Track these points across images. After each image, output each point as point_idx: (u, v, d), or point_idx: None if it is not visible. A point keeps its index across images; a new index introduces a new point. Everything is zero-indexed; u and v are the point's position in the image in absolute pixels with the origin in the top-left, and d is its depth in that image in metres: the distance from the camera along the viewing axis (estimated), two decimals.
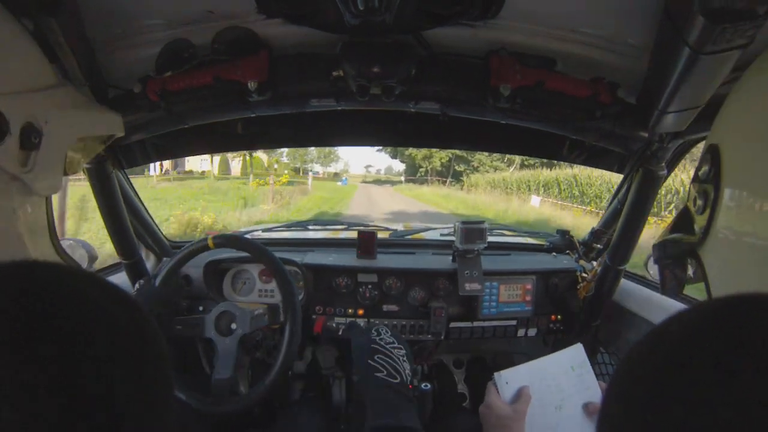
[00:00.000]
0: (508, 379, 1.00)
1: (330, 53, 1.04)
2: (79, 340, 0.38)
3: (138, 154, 1.49)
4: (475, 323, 1.62)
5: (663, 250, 0.79)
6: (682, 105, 0.92)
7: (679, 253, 0.74)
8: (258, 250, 1.33)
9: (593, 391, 0.99)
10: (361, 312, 1.60)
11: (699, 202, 0.69)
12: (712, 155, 0.66)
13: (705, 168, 0.68)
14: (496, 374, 1.00)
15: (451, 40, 1.04)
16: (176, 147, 1.57)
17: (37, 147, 0.80)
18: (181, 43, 1.04)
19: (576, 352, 1.04)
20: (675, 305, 1.39)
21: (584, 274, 1.59)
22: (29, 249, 0.86)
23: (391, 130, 1.53)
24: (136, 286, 1.37)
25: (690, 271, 0.74)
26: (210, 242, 1.32)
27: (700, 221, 0.69)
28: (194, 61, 1.05)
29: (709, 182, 0.66)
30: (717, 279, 0.67)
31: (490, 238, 1.61)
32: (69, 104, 0.92)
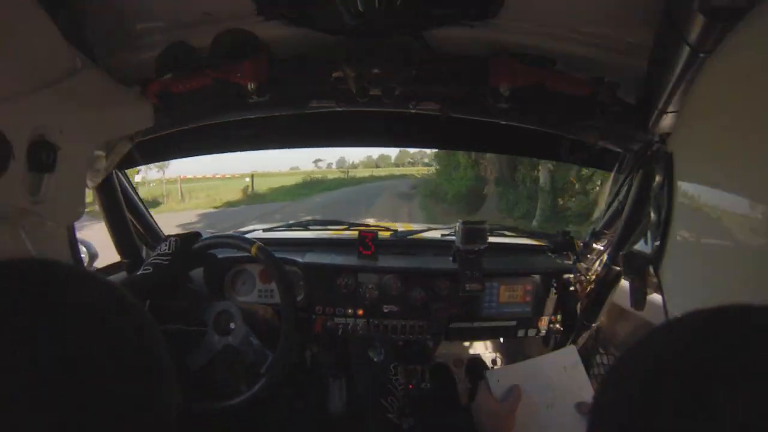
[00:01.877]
0: (500, 377, 1.02)
1: (330, 54, 1.04)
2: (77, 339, 0.38)
3: (138, 155, 1.49)
4: (476, 323, 1.62)
5: (627, 263, 0.78)
6: (682, 104, 0.92)
7: (640, 266, 0.74)
8: (285, 288, 1.34)
9: (585, 391, 1.01)
10: (361, 312, 1.60)
11: (653, 216, 0.67)
12: (666, 164, 0.65)
13: (658, 179, 0.67)
14: (488, 372, 1.04)
15: (451, 40, 1.04)
16: (176, 148, 1.57)
17: (50, 168, 0.62)
18: (181, 45, 1.04)
19: (569, 354, 1.07)
20: None
21: (583, 276, 1.58)
22: None
23: (391, 130, 1.53)
24: (170, 244, 1.32)
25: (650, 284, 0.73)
26: (253, 250, 1.33)
27: (655, 233, 0.68)
28: (194, 64, 1.05)
29: (662, 196, 0.65)
30: (672, 292, 0.66)
31: (491, 239, 1.61)
32: (89, 97, 0.71)
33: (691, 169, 0.62)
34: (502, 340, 1.77)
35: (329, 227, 2.09)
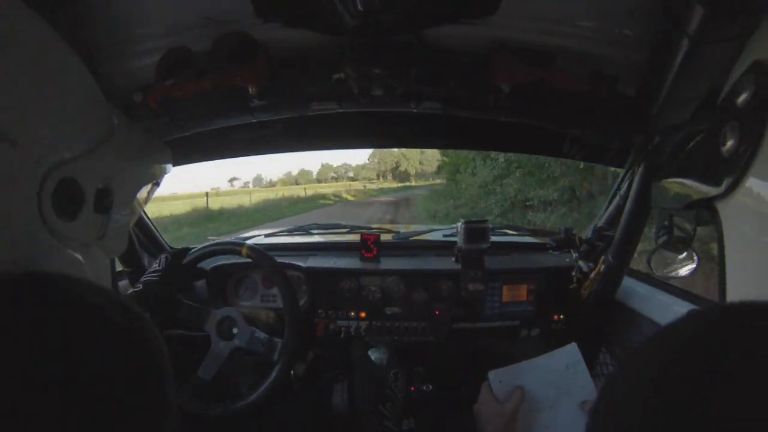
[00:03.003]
0: (502, 378, 1.01)
1: (330, 55, 1.04)
2: (80, 343, 0.39)
3: None
4: (478, 324, 1.62)
5: (674, 195, 0.72)
6: (682, 97, 0.92)
7: (692, 203, 0.68)
8: (283, 282, 1.35)
9: (588, 389, 1.00)
10: (363, 315, 1.59)
11: (730, 141, 0.55)
12: (757, 75, 0.54)
13: (746, 95, 0.56)
14: (490, 373, 1.03)
15: (451, 38, 1.04)
16: (178, 153, 1.57)
17: (109, 210, 0.73)
18: (181, 50, 1.05)
19: (570, 352, 1.06)
20: (679, 304, 1.38)
21: (586, 273, 1.58)
22: None
23: (392, 131, 1.53)
24: (161, 261, 1.36)
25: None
26: (243, 250, 1.33)
27: (727, 168, 0.56)
28: (194, 69, 1.05)
29: (750, 114, 0.52)
30: (732, 237, 0.58)
31: (493, 238, 1.62)
32: (127, 150, 0.83)
33: None
34: (504, 340, 1.76)
35: (331, 231, 2.09)
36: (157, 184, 1.05)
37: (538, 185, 8.34)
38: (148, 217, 1.66)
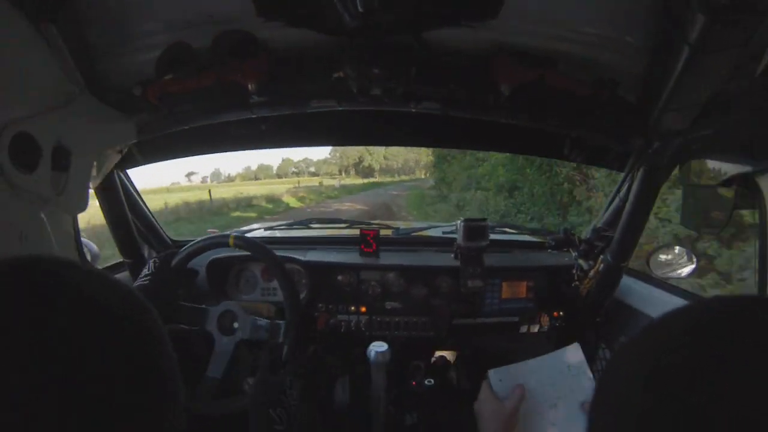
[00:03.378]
0: (502, 377, 1.01)
1: (330, 55, 1.04)
2: (81, 338, 0.39)
3: (138, 155, 1.49)
4: (478, 320, 1.63)
5: (709, 172, 0.73)
6: (682, 103, 0.92)
7: (730, 179, 0.68)
8: (273, 262, 1.33)
9: (589, 390, 0.99)
10: (363, 309, 1.61)
11: None
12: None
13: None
14: (490, 371, 1.02)
15: (451, 40, 1.04)
16: (177, 148, 1.58)
17: (67, 168, 0.78)
18: (181, 47, 1.05)
19: (573, 352, 1.05)
20: (676, 301, 1.39)
21: (585, 272, 1.59)
22: None
23: (393, 129, 1.53)
24: (150, 265, 1.35)
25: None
26: (231, 240, 1.33)
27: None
28: (194, 65, 1.05)
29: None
30: None
31: (492, 236, 1.62)
32: (88, 118, 0.89)
33: None
34: (504, 336, 1.78)
35: (331, 225, 2.10)
36: (120, 152, 1.11)
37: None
38: (148, 209, 1.67)
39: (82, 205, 0.87)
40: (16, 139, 0.64)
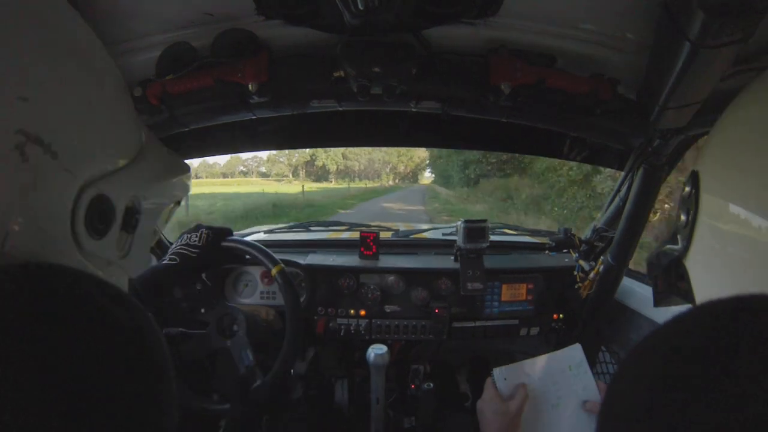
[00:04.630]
0: (506, 375, 1.01)
1: (330, 54, 1.04)
2: (80, 342, 0.38)
3: None
4: (478, 323, 1.62)
5: (657, 260, 0.81)
6: (682, 100, 0.92)
7: (669, 264, 0.77)
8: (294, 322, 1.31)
9: (591, 390, 1.01)
10: (363, 312, 1.60)
11: (683, 218, 0.72)
12: (693, 180, 0.70)
13: (687, 189, 0.72)
14: (495, 370, 1.02)
15: (451, 38, 1.04)
16: (177, 150, 1.57)
17: (135, 229, 0.71)
18: (181, 46, 1.04)
19: (574, 352, 1.06)
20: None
21: (585, 273, 1.58)
22: None
23: (392, 129, 1.53)
24: (200, 235, 1.31)
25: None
26: (274, 270, 1.32)
27: (684, 234, 0.72)
28: (194, 64, 1.05)
29: (691, 203, 0.70)
30: (700, 288, 0.69)
31: (492, 237, 1.62)
32: (158, 167, 0.82)
33: (716, 188, 0.67)
34: (504, 339, 1.77)
35: (331, 228, 2.10)
36: (179, 204, 1.01)
37: None
38: None
39: (143, 266, 0.80)
40: (94, 201, 0.58)
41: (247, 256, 1.39)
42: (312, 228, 2.04)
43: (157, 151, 0.83)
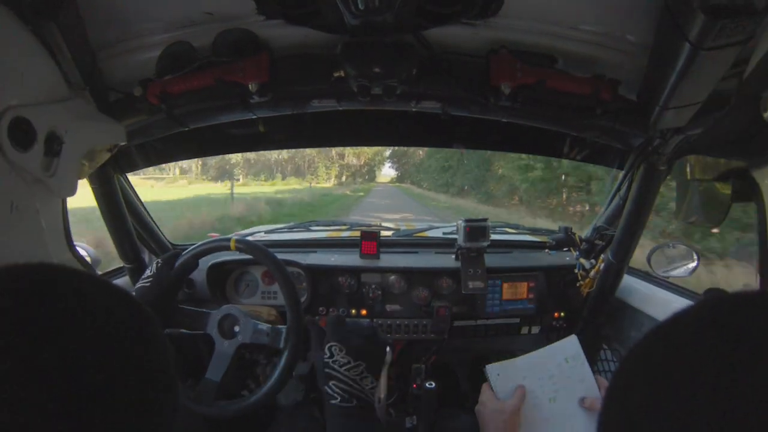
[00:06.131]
0: (500, 372, 1.00)
1: (330, 54, 1.04)
2: (80, 341, 0.39)
3: (138, 158, 1.49)
4: (479, 322, 1.62)
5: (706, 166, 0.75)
6: (682, 101, 0.92)
7: (724, 174, 0.71)
8: (274, 265, 1.30)
9: (588, 383, 0.99)
10: (364, 312, 1.60)
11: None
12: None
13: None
14: (487, 366, 1.01)
15: (452, 39, 1.04)
16: (177, 150, 1.57)
17: (58, 154, 0.86)
18: (182, 45, 1.04)
19: (570, 344, 1.03)
20: (678, 301, 1.39)
21: (586, 271, 1.59)
22: (48, 247, 0.90)
23: (392, 129, 1.53)
24: (152, 267, 1.32)
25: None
26: (232, 244, 1.31)
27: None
28: (195, 64, 1.05)
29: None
30: None
31: (493, 236, 1.62)
32: (82, 115, 0.96)
33: None
34: (505, 337, 1.77)
35: (331, 227, 2.09)
36: (110, 151, 1.15)
37: None
38: (148, 213, 1.66)
39: (70, 190, 0.94)
40: (14, 121, 0.74)
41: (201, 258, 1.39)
42: (312, 228, 2.04)
43: (86, 106, 1.00)
